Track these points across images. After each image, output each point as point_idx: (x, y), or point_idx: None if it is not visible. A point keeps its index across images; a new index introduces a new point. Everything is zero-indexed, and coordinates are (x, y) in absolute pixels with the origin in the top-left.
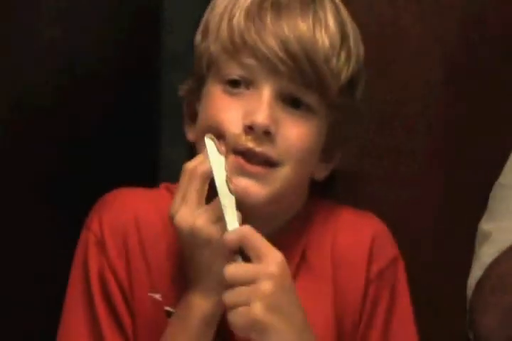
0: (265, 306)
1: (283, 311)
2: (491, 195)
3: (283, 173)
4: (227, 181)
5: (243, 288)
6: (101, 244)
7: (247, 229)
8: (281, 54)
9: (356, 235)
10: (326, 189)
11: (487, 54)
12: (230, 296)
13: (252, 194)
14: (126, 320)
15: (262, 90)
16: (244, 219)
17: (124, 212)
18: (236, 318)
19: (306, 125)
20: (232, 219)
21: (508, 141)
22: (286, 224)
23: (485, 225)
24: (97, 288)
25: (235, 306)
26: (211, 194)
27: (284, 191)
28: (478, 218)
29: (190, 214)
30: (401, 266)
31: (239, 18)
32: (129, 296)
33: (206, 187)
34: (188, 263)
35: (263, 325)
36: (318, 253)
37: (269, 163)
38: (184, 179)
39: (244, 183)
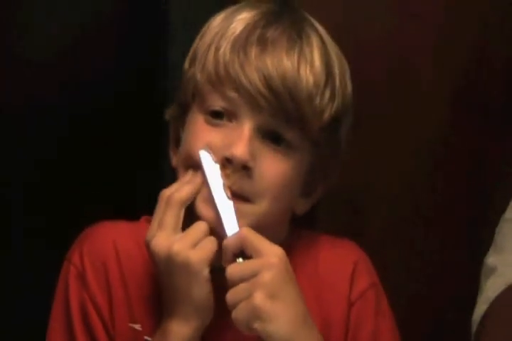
0: (265, 294)
1: (284, 299)
2: (497, 229)
3: (259, 209)
4: (224, 188)
5: (243, 285)
6: (82, 277)
7: (246, 229)
8: (263, 90)
9: (338, 262)
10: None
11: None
12: (231, 295)
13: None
14: None
15: (243, 124)
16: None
17: (104, 244)
18: (238, 313)
19: (285, 161)
20: (231, 224)
21: None
22: None
23: (490, 259)
24: (78, 320)
25: (236, 304)
26: (187, 221)
27: (262, 226)
28: None
29: (166, 240)
30: (381, 290)
31: (225, 49)
32: (109, 327)
33: (182, 213)
34: (165, 289)
35: (264, 312)
36: (300, 284)
37: (245, 199)
38: (160, 206)
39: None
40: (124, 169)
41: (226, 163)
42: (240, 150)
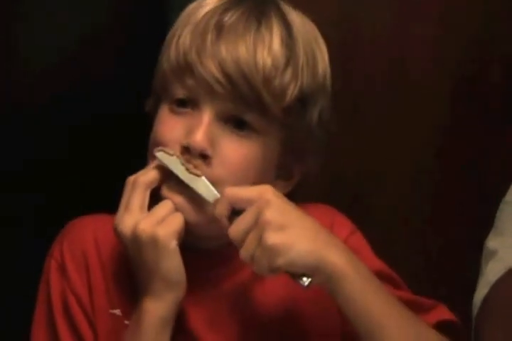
0: (274, 230)
1: (293, 224)
2: (498, 212)
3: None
4: (188, 170)
5: (251, 235)
6: (62, 268)
7: (227, 189)
8: (218, 76)
9: (316, 217)
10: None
11: None
12: (244, 252)
13: (190, 218)
14: (89, 338)
15: (202, 111)
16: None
17: (84, 235)
18: (259, 263)
19: (248, 146)
20: (212, 195)
21: None
22: None
23: (491, 243)
24: (59, 310)
25: (253, 259)
26: (152, 204)
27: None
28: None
29: (132, 219)
30: (361, 235)
31: (184, 38)
32: (90, 315)
33: (148, 195)
34: (136, 269)
35: (280, 245)
36: None
37: None
38: (127, 190)
39: (181, 204)
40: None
41: (184, 152)
42: (197, 138)
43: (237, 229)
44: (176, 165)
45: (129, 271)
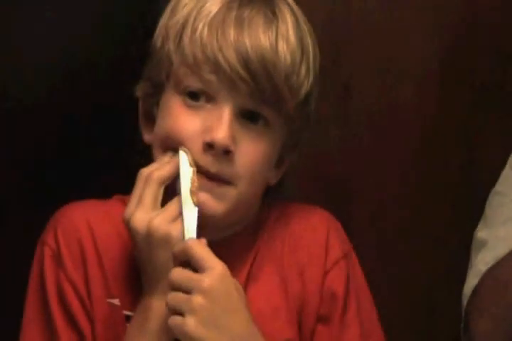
0: (197, 320)
1: (218, 324)
2: (487, 202)
3: (239, 190)
4: (191, 193)
5: (181, 295)
6: (57, 257)
7: (192, 241)
8: (242, 72)
9: (311, 231)
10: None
11: None
12: (170, 300)
13: (209, 208)
14: (85, 327)
15: (222, 106)
16: (199, 227)
17: (77, 223)
18: (172, 325)
19: (263, 141)
20: (190, 230)
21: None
22: (241, 229)
23: (481, 233)
24: (55, 299)
25: (173, 311)
26: (166, 199)
27: (240, 204)
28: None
29: (146, 216)
30: (354, 258)
31: (201, 31)
32: (87, 304)
33: (162, 191)
34: (144, 266)
35: (195, 339)
36: (271, 254)
37: (226, 181)
38: (139, 183)
39: (202, 197)
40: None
41: (207, 148)
42: (221, 135)
43: (176, 276)
44: (187, 177)
45: (127, 261)
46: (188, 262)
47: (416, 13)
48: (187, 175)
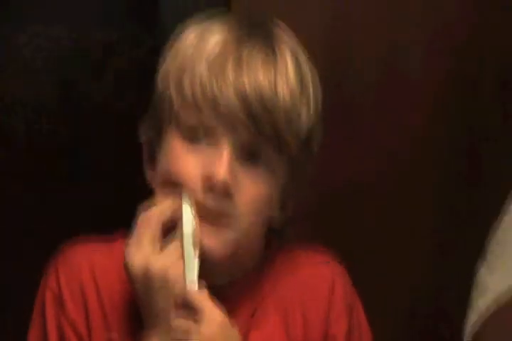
0: None
1: None
2: (489, 245)
3: (240, 232)
4: (194, 244)
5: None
6: (59, 299)
7: (193, 291)
8: (241, 112)
9: (315, 279)
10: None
11: None
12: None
13: (209, 252)
14: None
15: (222, 146)
16: (201, 272)
17: (79, 263)
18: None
19: (264, 181)
20: (192, 281)
21: None
22: (246, 273)
23: (483, 278)
24: None
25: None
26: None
27: (241, 247)
28: None
29: (144, 260)
30: (357, 308)
31: (201, 72)
32: None
33: (160, 232)
34: (143, 309)
35: None
36: (277, 300)
37: (225, 224)
38: (139, 225)
39: (202, 241)
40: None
41: (207, 188)
42: (221, 173)
43: (178, 326)
44: (190, 228)
45: (129, 302)
46: (190, 311)
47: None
48: (189, 226)
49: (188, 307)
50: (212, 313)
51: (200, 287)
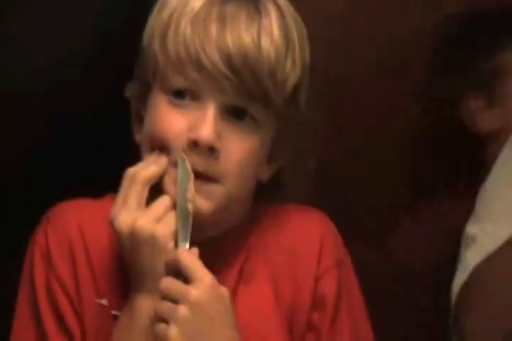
0: (180, 331)
1: (201, 336)
2: (478, 197)
3: (228, 188)
4: (188, 200)
5: (168, 305)
6: (47, 256)
7: (184, 251)
8: (225, 70)
9: (305, 234)
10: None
11: None
12: (157, 308)
13: (197, 206)
14: (74, 327)
15: (206, 104)
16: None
17: (68, 222)
18: (157, 332)
19: (251, 138)
20: (183, 238)
21: None
22: (233, 228)
23: (470, 228)
24: (44, 298)
25: (160, 318)
26: (151, 199)
27: (229, 202)
28: None
29: (130, 216)
30: (348, 266)
31: (184, 30)
32: (76, 304)
33: (147, 191)
34: (130, 266)
35: None
36: (264, 255)
37: (213, 179)
38: (125, 184)
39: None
40: None
41: (192, 146)
42: (205, 132)
43: (165, 285)
44: (185, 184)
45: (116, 260)
46: (179, 271)
47: None
48: (184, 182)
49: (177, 266)
50: (201, 273)
51: (190, 245)
